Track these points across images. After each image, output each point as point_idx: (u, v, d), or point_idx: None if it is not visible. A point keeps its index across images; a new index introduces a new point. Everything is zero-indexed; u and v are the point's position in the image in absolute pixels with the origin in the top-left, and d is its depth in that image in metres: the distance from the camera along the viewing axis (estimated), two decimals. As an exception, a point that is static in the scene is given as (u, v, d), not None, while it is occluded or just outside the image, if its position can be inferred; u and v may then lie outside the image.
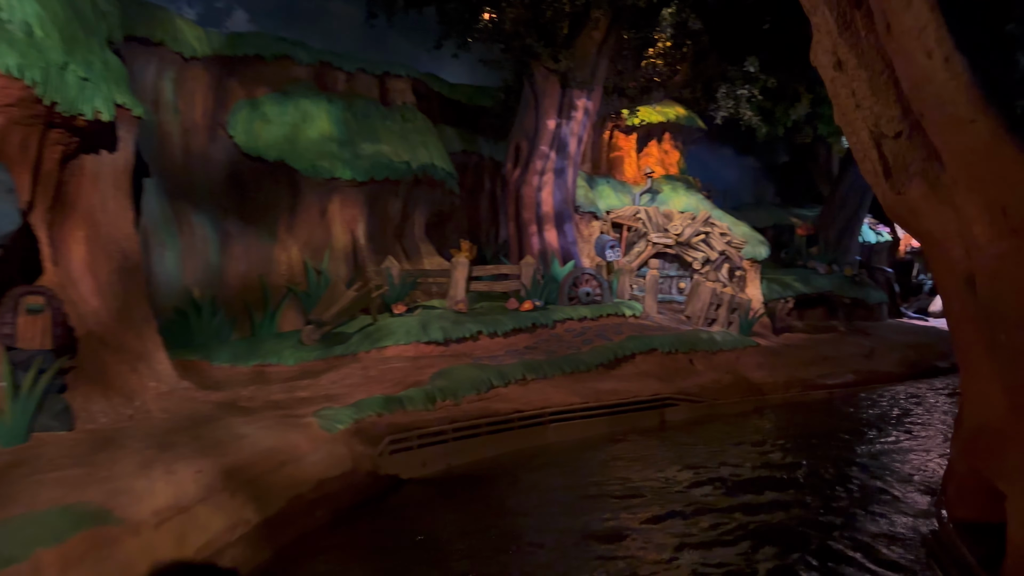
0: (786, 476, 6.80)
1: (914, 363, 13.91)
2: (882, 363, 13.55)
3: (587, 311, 11.21)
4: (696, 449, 7.89)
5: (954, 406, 10.82)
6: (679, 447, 7.99)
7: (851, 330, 15.69)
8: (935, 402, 11.15)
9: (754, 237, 14.96)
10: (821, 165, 19.65)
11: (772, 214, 18.23)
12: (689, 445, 8.07)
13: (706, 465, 7.19)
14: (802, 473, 6.91)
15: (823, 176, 19.58)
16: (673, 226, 14.15)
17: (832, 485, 6.55)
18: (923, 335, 15.81)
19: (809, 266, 16.90)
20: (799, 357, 12.78)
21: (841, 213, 17.15)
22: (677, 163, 16.30)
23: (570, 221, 12.28)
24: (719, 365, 11.28)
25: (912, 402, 11.11)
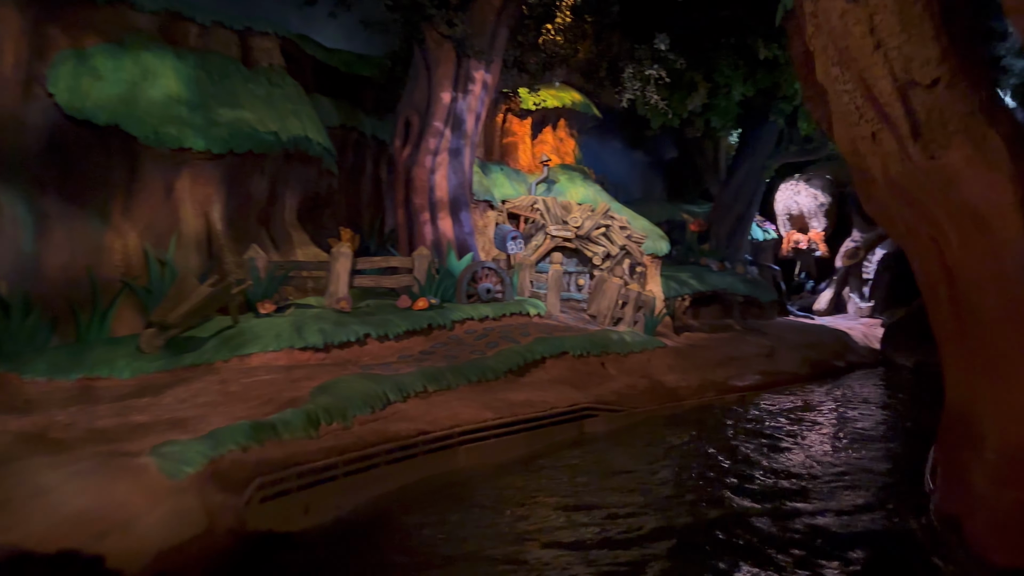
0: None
1: (814, 363, 13.55)
2: (784, 363, 13.08)
3: (489, 310, 9.85)
4: (622, 466, 6.72)
5: (852, 408, 10.40)
6: (604, 468, 6.79)
7: (747, 329, 15.25)
8: (842, 408, 10.65)
9: (654, 232, 14.17)
10: (709, 161, 19.36)
11: (664, 209, 17.63)
12: (616, 464, 6.90)
13: (640, 487, 6.03)
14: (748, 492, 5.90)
15: (711, 172, 19.29)
16: (572, 218, 13.07)
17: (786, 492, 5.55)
18: (815, 334, 15.63)
19: (702, 263, 16.38)
20: (706, 358, 12.03)
21: (733, 209, 16.78)
22: (572, 152, 15.30)
23: (467, 209, 10.89)
24: (632, 368, 10.26)
25: (828, 406, 10.55)
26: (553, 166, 14.58)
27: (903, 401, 11.39)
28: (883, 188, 4.90)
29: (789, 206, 20.03)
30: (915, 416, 9.91)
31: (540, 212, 13.02)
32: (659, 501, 5.83)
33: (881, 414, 10.13)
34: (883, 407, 10.69)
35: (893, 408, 10.70)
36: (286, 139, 9.74)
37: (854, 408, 10.41)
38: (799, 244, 19.57)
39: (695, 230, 16.80)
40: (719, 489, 6.16)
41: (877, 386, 12.62)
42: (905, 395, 11.96)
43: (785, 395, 11.28)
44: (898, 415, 10.17)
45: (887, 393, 12.03)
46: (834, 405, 10.66)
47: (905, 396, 11.85)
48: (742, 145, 17.05)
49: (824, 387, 12.33)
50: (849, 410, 10.23)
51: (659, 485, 6.34)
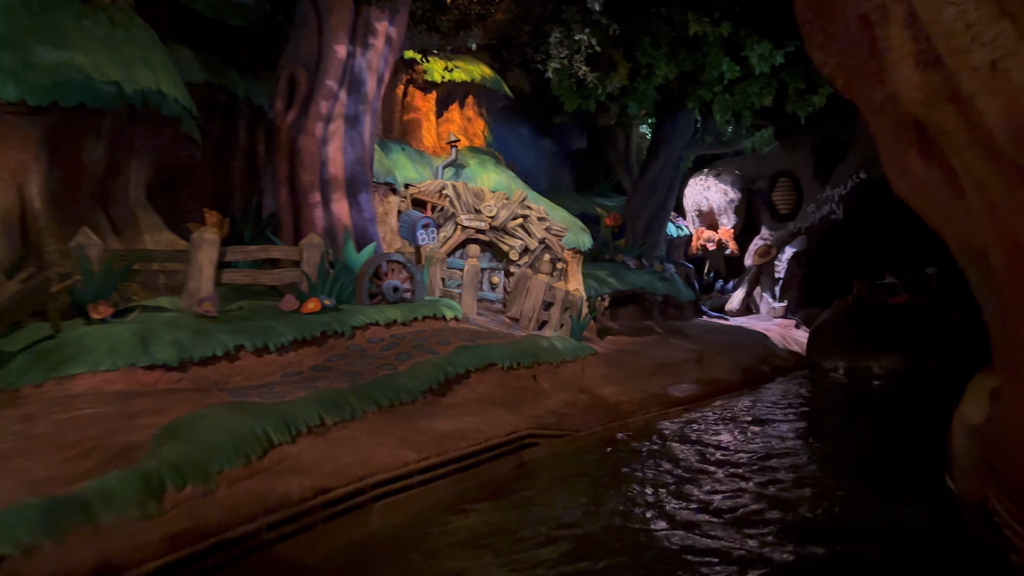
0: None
1: (745, 369, 12.49)
2: (716, 369, 11.92)
3: (397, 313, 7.99)
4: (572, 517, 5.09)
5: (813, 422, 9.31)
6: (550, 520, 5.14)
7: (668, 331, 14.08)
8: (805, 424, 9.51)
9: (574, 224, 12.69)
10: (620, 152, 18.23)
11: (575, 202, 16.25)
12: (565, 514, 5.25)
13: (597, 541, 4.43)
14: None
15: (622, 164, 18.16)
16: (486, 207, 11.38)
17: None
18: (736, 337, 14.67)
19: (618, 260, 15.09)
20: (639, 366, 10.65)
21: (649, 202, 15.63)
22: (482, 133, 13.60)
23: (367, 190, 8.95)
24: (567, 381, 8.69)
25: (787, 423, 9.36)
26: (462, 148, 12.84)
27: (855, 411, 10.43)
28: (995, 142, 3.49)
29: (699, 202, 19.19)
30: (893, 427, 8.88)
31: (449, 199, 11.24)
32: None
33: (848, 430, 9.07)
34: (844, 422, 9.66)
35: (852, 421, 9.68)
36: (131, 92, 7.49)
37: (815, 421, 9.29)
38: (709, 242, 18.76)
39: (610, 224, 15.52)
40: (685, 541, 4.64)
41: (821, 393, 11.69)
42: (856, 403, 11.03)
43: (727, 405, 10.06)
44: (870, 429, 9.12)
45: (836, 401, 11.08)
46: (794, 422, 9.52)
47: (856, 404, 10.93)
48: (657, 135, 15.94)
49: (763, 395, 11.24)
50: (811, 426, 9.10)
51: (619, 540, 4.76)
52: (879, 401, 11.11)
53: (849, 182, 17.89)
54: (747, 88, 15.17)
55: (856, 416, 9.84)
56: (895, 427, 8.88)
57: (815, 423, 9.27)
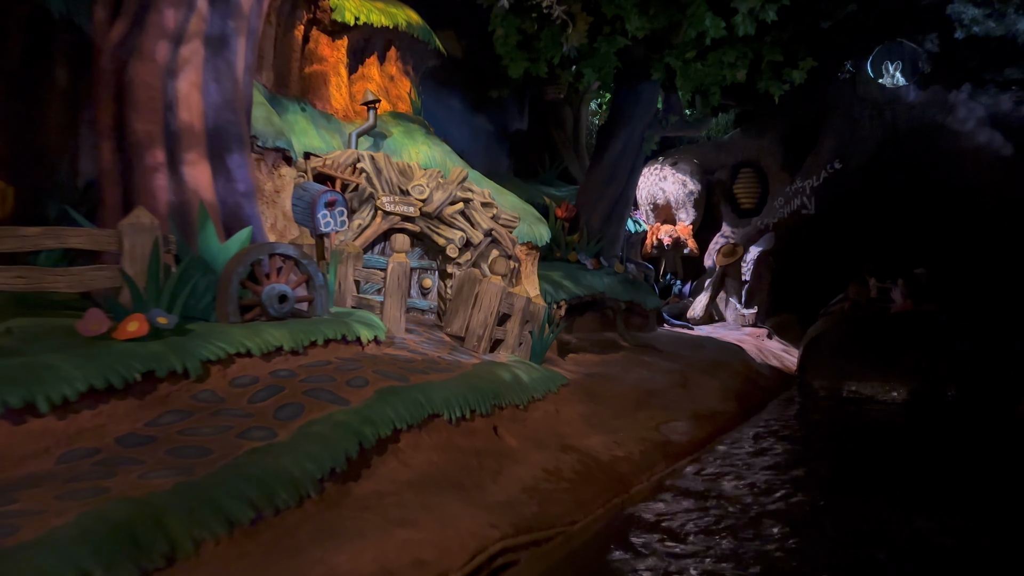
0: None
1: (738, 394, 10.10)
2: (706, 396, 9.47)
3: (283, 335, 5.11)
4: None
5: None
6: None
7: (637, 346, 11.58)
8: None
9: (528, 212, 10.02)
10: (568, 133, 15.73)
11: (518, 190, 13.60)
12: None
13: None
14: None
15: (570, 147, 15.65)
16: (416, 187, 8.58)
17: None
18: (712, 351, 12.31)
19: (572, 259, 12.54)
20: (620, 397, 8.07)
21: (607, 191, 13.12)
22: (409, 96, 10.75)
23: (242, 149, 6.02)
24: (540, 431, 5.99)
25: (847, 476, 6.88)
26: (382, 114, 9.98)
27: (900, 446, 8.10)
28: None
29: (654, 194, 16.86)
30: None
31: (367, 175, 8.40)
32: None
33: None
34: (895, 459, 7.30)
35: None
36: None
37: (871, 478, 6.89)
38: (666, 239, 16.46)
39: (562, 217, 12.96)
40: None
41: (834, 427, 9.38)
42: (885, 445, 8.71)
43: (735, 451, 7.59)
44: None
45: (863, 441, 8.74)
46: (848, 480, 7.08)
47: (888, 447, 8.60)
48: (616, 110, 13.47)
49: (769, 429, 8.86)
50: (878, 486, 6.68)
51: None
52: (907, 442, 8.89)
53: (822, 173, 15.91)
54: (721, 57, 12.86)
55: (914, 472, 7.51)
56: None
57: (877, 481, 6.86)
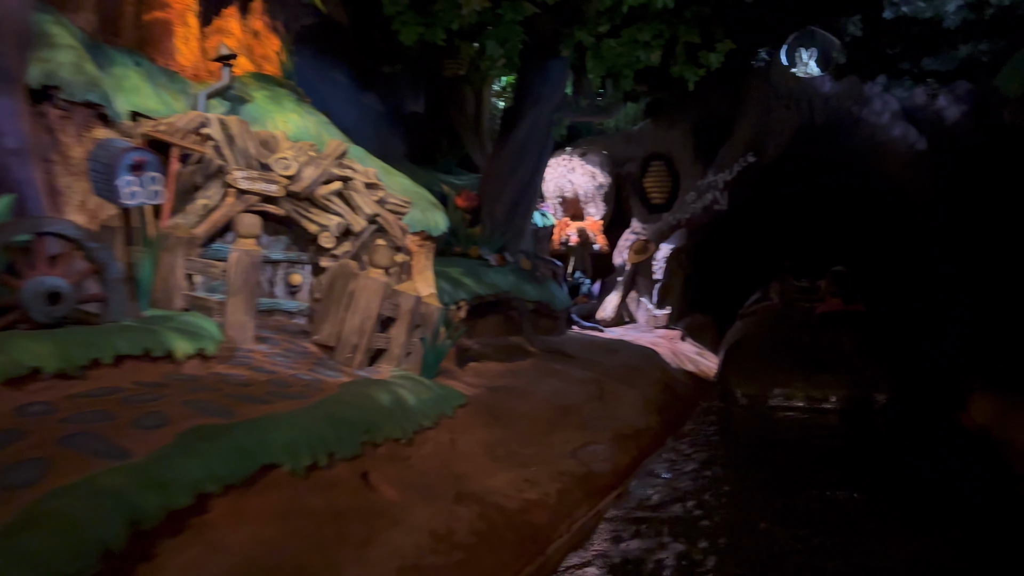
0: None
1: (659, 406, 8.96)
2: (627, 410, 8.25)
3: (45, 350, 3.43)
4: None
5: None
6: None
7: (546, 351, 10.28)
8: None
9: (422, 197, 8.52)
10: (469, 116, 14.29)
11: (415, 176, 12.05)
12: None
13: None
14: None
15: (471, 132, 14.22)
16: (280, 161, 6.93)
17: None
18: (628, 355, 11.15)
19: (473, 255, 11.13)
20: (530, 416, 6.70)
21: (513, 178, 11.75)
22: (278, 58, 9.05)
23: (10, 92, 4.26)
24: (430, 474, 4.51)
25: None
26: (243, 74, 8.27)
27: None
28: None
29: (562, 186, 15.66)
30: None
31: (215, 144, 6.70)
32: None
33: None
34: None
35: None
36: None
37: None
38: (574, 235, 15.29)
39: (463, 207, 11.53)
40: None
41: (763, 439, 8.33)
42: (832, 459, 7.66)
43: (669, 478, 6.38)
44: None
45: (805, 457, 7.67)
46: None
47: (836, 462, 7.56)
48: (522, 90, 12.14)
49: (696, 444, 7.73)
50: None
51: None
52: (846, 459, 7.93)
53: (735, 166, 15.11)
54: (635, 35, 11.77)
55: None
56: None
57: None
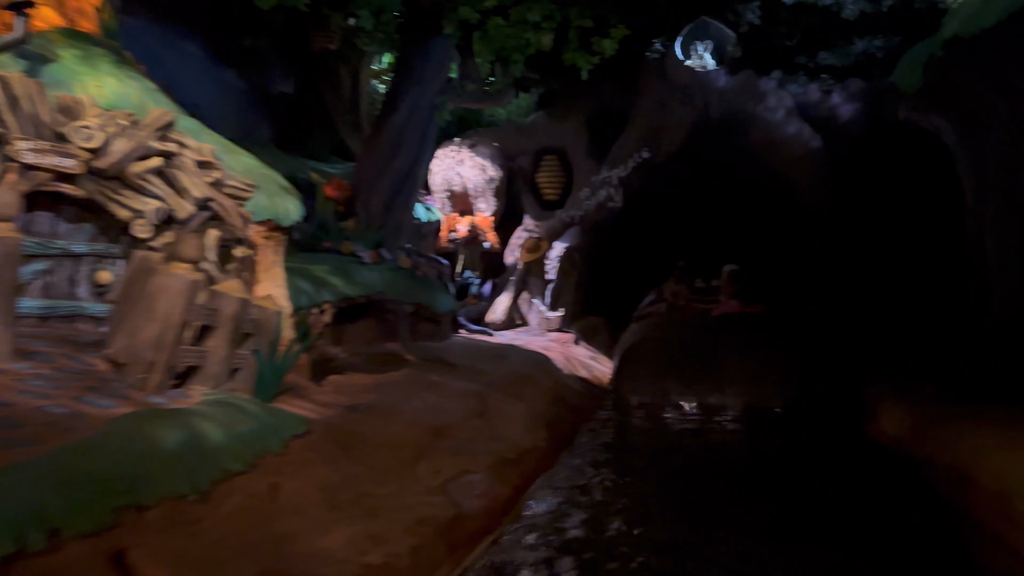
0: None
1: (550, 421, 8.00)
2: (511, 428, 7.25)
3: None
4: None
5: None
6: None
7: (424, 359, 9.15)
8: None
9: (271, 180, 7.21)
10: (345, 99, 12.95)
11: (282, 163, 10.70)
12: None
13: None
14: None
15: (347, 116, 12.90)
16: (81, 131, 5.52)
17: None
18: (516, 362, 10.16)
19: (345, 251, 9.88)
20: (394, 442, 5.56)
21: (391, 167, 10.55)
22: (95, 14, 7.54)
23: None
24: (230, 541, 3.29)
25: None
26: (49, 28, 6.75)
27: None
28: None
29: (450, 180, 14.56)
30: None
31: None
32: None
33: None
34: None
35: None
36: None
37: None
38: (463, 231, 14.23)
39: (333, 197, 10.25)
40: None
41: (662, 449, 7.49)
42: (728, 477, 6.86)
43: (563, 505, 5.41)
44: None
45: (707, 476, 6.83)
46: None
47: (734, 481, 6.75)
48: (402, 70, 10.96)
49: (588, 462, 6.81)
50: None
51: None
52: (749, 473, 7.20)
53: (630, 162, 14.47)
54: (525, 14, 10.85)
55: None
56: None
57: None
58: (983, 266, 10.17)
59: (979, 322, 10.01)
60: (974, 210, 10.33)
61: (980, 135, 9.74)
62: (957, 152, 10.59)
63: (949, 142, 10.72)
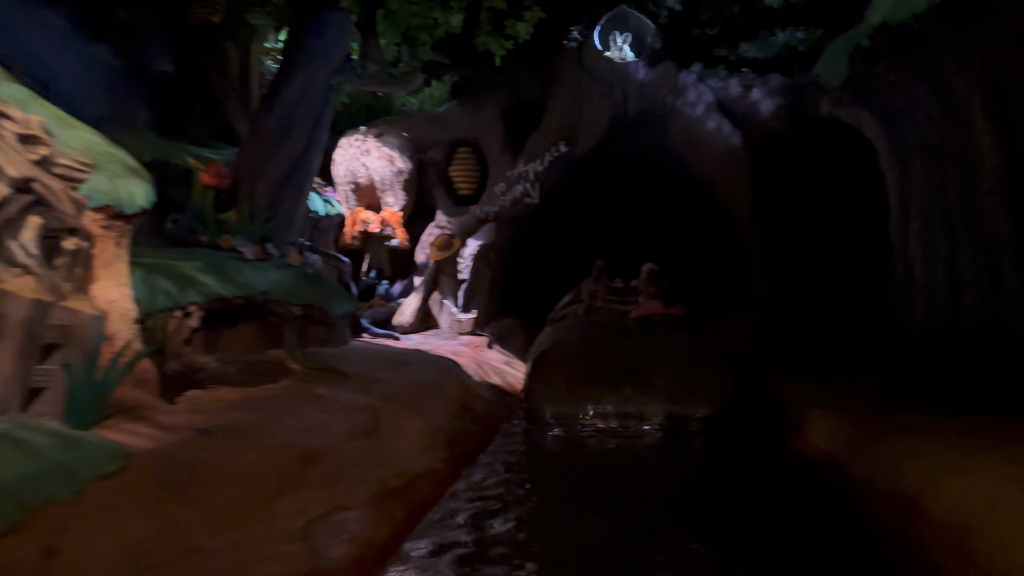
0: None
1: (449, 437, 7.10)
2: (407, 448, 6.32)
3: None
4: None
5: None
6: None
7: (312, 368, 8.11)
8: None
9: (114, 159, 6.08)
10: (234, 80, 11.74)
11: (150, 144, 9.47)
12: None
13: None
14: None
15: (236, 98, 11.68)
16: None
17: None
18: (420, 369, 9.21)
19: (224, 245, 8.76)
20: (248, 474, 4.56)
21: (280, 152, 9.45)
22: None
23: None
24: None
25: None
26: None
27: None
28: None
29: (355, 171, 13.48)
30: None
31: None
32: None
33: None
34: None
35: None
36: None
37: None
38: (369, 227, 13.18)
39: (211, 185, 9.09)
40: None
41: (574, 468, 6.69)
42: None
43: (452, 548, 4.53)
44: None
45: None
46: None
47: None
48: (293, 46, 9.87)
49: (489, 492, 5.96)
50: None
51: None
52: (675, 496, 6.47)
53: (547, 156, 13.74)
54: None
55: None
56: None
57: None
58: (908, 267, 9.82)
59: (903, 325, 9.65)
60: (898, 208, 9.98)
61: (906, 130, 9.37)
62: (881, 148, 10.23)
63: (872, 137, 10.36)
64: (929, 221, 9.44)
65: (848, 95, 10.12)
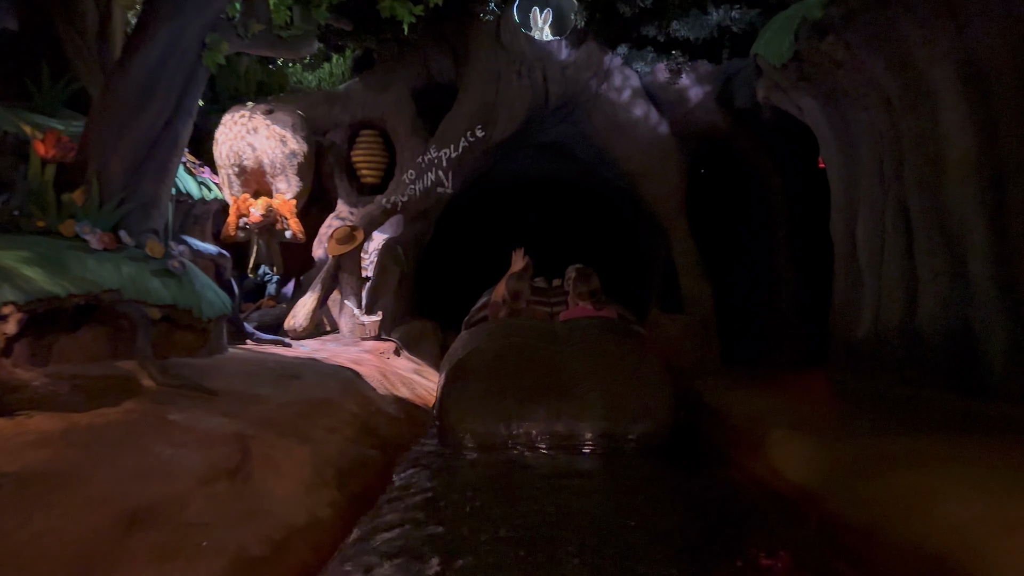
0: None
1: (345, 470, 5.69)
2: (282, 492, 4.89)
3: None
4: None
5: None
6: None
7: (170, 385, 6.53)
8: None
9: None
10: (90, 38, 9.88)
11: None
12: None
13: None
14: None
15: (92, 60, 9.84)
16: None
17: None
18: (311, 384, 7.73)
19: (65, 232, 7.06)
20: (28, 553, 3.16)
21: (139, 122, 7.74)
22: None
23: None
24: None
25: None
26: None
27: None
28: None
29: (240, 151, 11.78)
30: None
31: None
32: None
33: None
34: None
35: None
36: None
37: None
38: (256, 217, 11.53)
39: (48, 157, 7.36)
40: None
41: (498, 503, 5.41)
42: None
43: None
44: None
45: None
46: None
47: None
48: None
49: (391, 546, 4.62)
50: None
51: None
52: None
53: (461, 141, 12.48)
54: (330, -63, 8.52)
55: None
56: None
57: None
58: (850, 266, 9.06)
59: (847, 330, 8.87)
60: (842, 203, 9.22)
61: (854, 116, 8.58)
62: (823, 137, 9.45)
63: (814, 124, 9.58)
64: (879, 216, 8.65)
65: (790, 77, 9.24)
